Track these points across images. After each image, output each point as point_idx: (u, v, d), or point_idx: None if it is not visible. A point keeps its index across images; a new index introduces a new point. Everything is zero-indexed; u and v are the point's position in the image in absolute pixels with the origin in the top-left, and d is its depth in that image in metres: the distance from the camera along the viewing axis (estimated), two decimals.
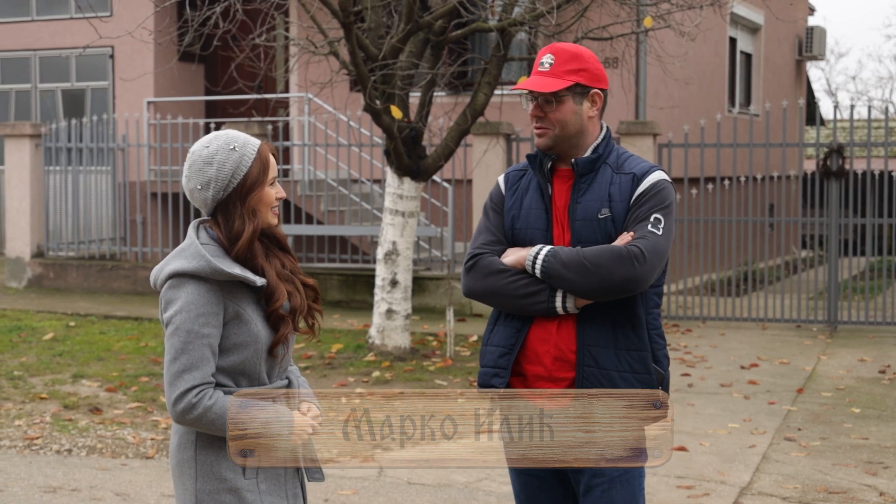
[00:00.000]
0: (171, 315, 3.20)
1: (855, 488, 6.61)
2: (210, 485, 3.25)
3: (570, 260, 3.47)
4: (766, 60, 20.09)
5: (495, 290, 3.59)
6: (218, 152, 3.26)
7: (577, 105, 3.57)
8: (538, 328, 3.56)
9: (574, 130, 3.58)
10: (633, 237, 3.48)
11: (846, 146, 12.65)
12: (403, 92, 10.00)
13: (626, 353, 3.51)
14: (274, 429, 3.24)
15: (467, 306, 13.02)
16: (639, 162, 3.61)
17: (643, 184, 3.54)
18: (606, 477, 3.56)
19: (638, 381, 3.50)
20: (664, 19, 10.74)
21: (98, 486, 6.52)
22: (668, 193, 3.55)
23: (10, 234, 15.22)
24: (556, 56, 3.58)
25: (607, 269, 3.42)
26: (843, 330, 12.42)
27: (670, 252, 3.61)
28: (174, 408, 3.18)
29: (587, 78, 3.57)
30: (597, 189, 3.56)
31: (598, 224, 3.53)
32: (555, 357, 3.54)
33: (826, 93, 47.20)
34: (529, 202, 3.63)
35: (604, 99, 3.63)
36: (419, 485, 6.60)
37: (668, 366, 3.62)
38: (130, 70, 15.96)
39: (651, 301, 3.59)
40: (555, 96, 3.56)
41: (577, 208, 3.56)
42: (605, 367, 3.50)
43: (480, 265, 3.63)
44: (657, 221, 3.49)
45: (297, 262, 3.46)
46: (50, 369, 9.81)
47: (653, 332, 3.58)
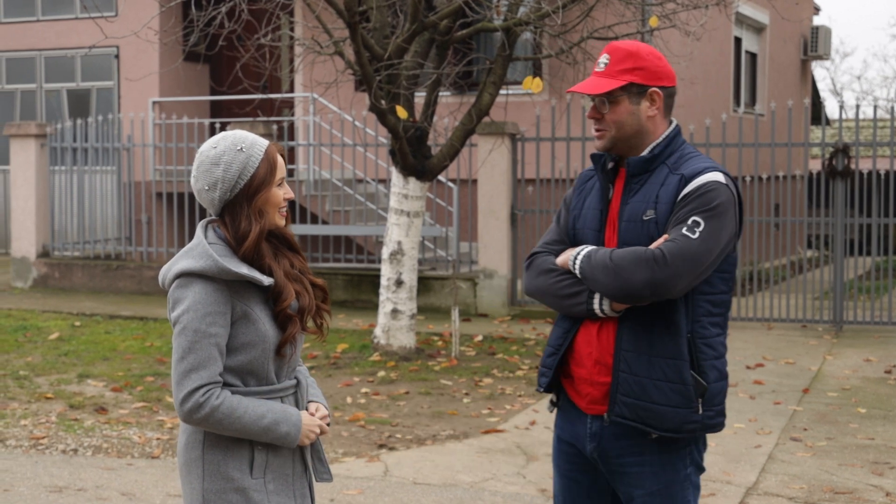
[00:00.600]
0: (179, 314, 3.20)
1: (861, 488, 6.60)
2: (217, 484, 3.26)
3: (598, 261, 3.40)
4: (772, 60, 20.07)
5: (544, 290, 3.56)
6: (225, 153, 3.26)
7: (634, 105, 3.47)
8: (584, 330, 3.51)
9: (631, 131, 3.48)
10: (665, 240, 3.36)
11: (852, 146, 12.63)
12: (409, 92, 10.00)
13: (660, 360, 3.39)
14: (282, 429, 3.25)
15: (472, 306, 13.02)
16: (697, 163, 3.45)
17: (690, 185, 3.39)
18: (645, 489, 3.49)
19: (672, 391, 3.38)
20: (669, 19, 10.73)
21: (104, 486, 6.52)
22: (714, 196, 3.37)
23: (16, 234, 15.24)
24: (612, 55, 3.50)
25: (628, 271, 3.33)
26: (848, 330, 12.40)
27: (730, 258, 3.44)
28: (181, 407, 3.18)
29: (643, 76, 3.46)
30: (647, 190, 3.46)
31: (642, 226, 3.43)
32: (595, 360, 3.48)
33: (831, 92, 47.17)
34: (590, 202, 3.58)
35: (668, 96, 3.50)
36: (425, 484, 6.59)
37: (718, 378, 3.44)
38: (136, 70, 15.97)
39: (700, 309, 3.43)
40: (608, 97, 3.47)
41: (625, 209, 3.48)
42: (638, 374, 3.40)
43: (535, 264, 3.61)
44: (695, 225, 3.33)
45: (306, 261, 3.46)
46: (55, 369, 9.81)
47: (699, 342, 3.42)
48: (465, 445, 7.47)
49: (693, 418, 3.40)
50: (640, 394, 3.40)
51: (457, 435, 7.74)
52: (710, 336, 3.44)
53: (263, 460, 3.28)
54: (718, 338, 3.47)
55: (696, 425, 3.42)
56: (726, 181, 3.42)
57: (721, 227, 3.37)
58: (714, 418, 3.45)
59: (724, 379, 3.47)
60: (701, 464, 3.56)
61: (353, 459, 7.11)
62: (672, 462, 3.48)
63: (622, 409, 3.42)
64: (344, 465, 6.94)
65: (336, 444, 7.44)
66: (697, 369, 3.41)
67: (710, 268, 3.39)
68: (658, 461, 3.47)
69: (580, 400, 3.54)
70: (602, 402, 3.48)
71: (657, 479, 3.47)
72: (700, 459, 3.55)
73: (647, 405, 3.40)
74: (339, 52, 9.76)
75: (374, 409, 8.47)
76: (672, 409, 3.39)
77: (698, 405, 3.40)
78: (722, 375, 3.46)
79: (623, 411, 3.42)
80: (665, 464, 3.47)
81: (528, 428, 7.90)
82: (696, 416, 3.41)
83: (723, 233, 3.37)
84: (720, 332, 3.47)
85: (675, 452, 3.47)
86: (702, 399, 3.40)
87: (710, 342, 3.44)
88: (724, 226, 3.38)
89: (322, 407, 3.43)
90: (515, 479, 6.70)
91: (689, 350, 3.41)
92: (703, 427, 3.44)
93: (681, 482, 3.49)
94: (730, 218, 3.40)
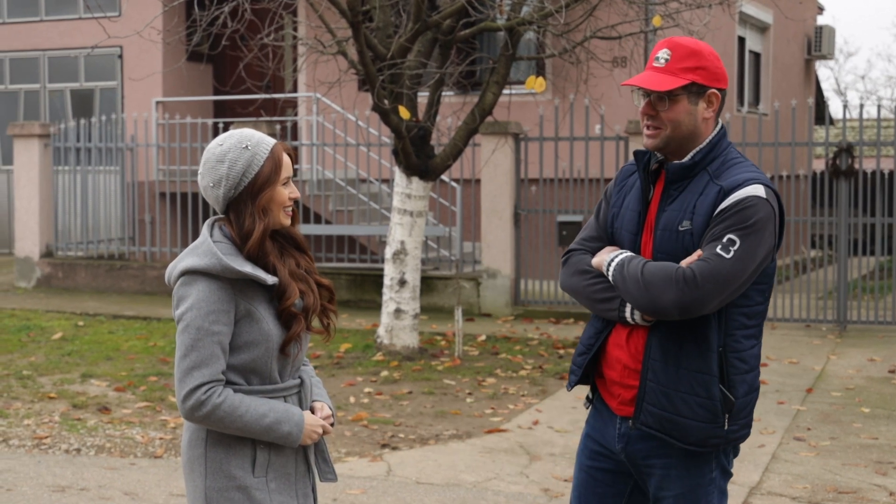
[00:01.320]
0: (183, 312, 3.21)
1: (865, 488, 6.59)
2: (219, 482, 3.26)
3: (630, 273, 3.32)
4: (775, 60, 20.05)
5: (577, 290, 3.51)
6: (230, 150, 3.26)
7: (693, 105, 3.35)
8: (616, 333, 3.46)
9: (686, 132, 3.37)
10: (699, 258, 3.26)
11: (855, 145, 12.62)
12: (412, 91, 9.99)
13: (688, 373, 3.33)
14: (284, 428, 3.25)
15: (476, 306, 13.01)
16: (738, 172, 3.32)
17: (728, 199, 3.27)
18: (671, 491, 3.46)
19: (698, 405, 3.33)
20: (673, 18, 10.72)
21: (107, 486, 6.52)
22: (753, 212, 3.25)
23: (20, 234, 15.25)
24: (674, 51, 3.37)
25: (658, 289, 3.24)
26: (852, 329, 12.39)
27: (769, 269, 3.36)
28: (183, 404, 3.19)
29: (705, 77, 3.35)
30: (685, 198, 3.35)
31: (677, 236, 3.33)
32: (625, 365, 3.44)
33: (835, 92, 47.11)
34: (629, 202, 3.48)
35: (721, 100, 3.40)
36: (427, 484, 6.59)
37: (746, 392, 3.37)
38: (139, 70, 15.97)
39: (734, 322, 3.35)
40: (669, 95, 3.35)
41: (661, 216, 3.38)
42: (664, 385, 3.35)
43: (570, 262, 3.55)
44: (730, 243, 3.22)
45: (314, 262, 3.45)
46: (59, 369, 9.82)
47: (731, 356, 3.34)
48: (468, 445, 7.46)
49: (717, 433, 3.36)
50: (665, 405, 3.36)
51: (460, 435, 7.73)
52: (743, 350, 3.37)
53: (265, 459, 3.28)
54: (752, 350, 3.40)
55: (720, 440, 3.38)
56: (766, 195, 3.30)
57: (758, 244, 3.27)
58: (739, 431, 3.41)
59: (753, 391, 3.42)
60: (728, 469, 3.51)
61: (355, 459, 7.10)
62: (698, 466, 3.44)
63: (647, 417, 3.39)
64: (347, 465, 6.94)
65: (339, 444, 7.44)
66: (727, 384, 3.34)
67: (744, 285, 3.30)
68: (684, 465, 3.43)
69: (612, 400, 3.52)
70: (631, 404, 3.44)
71: (682, 482, 3.44)
72: (728, 464, 3.50)
73: (672, 417, 3.35)
74: (343, 51, 9.76)
75: (377, 408, 8.47)
76: (697, 423, 3.34)
77: (724, 420, 3.35)
78: (752, 388, 3.40)
79: (648, 420, 3.39)
80: (691, 468, 3.43)
81: (532, 428, 7.89)
82: (720, 431, 3.36)
83: (759, 249, 3.28)
84: (754, 344, 3.40)
85: (701, 457, 3.43)
86: (728, 414, 3.35)
87: (743, 356, 3.38)
88: (762, 242, 3.28)
89: (326, 406, 3.42)
90: (518, 479, 6.69)
91: (720, 364, 3.34)
92: (727, 441, 3.40)
93: (706, 486, 3.45)
94: (768, 233, 3.30)
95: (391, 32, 10.09)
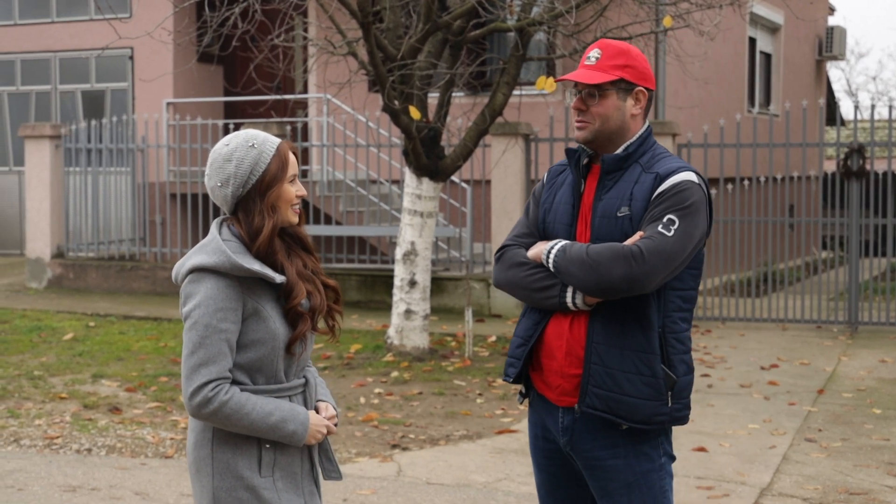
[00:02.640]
0: (190, 309, 3.22)
1: (876, 489, 6.57)
2: (227, 482, 3.27)
3: (575, 255, 3.45)
4: (786, 60, 20.02)
5: (515, 283, 3.61)
6: (237, 150, 3.29)
7: (621, 101, 3.54)
8: (554, 323, 3.56)
9: (615, 126, 3.54)
10: (641, 237, 3.42)
11: (867, 146, 12.58)
12: (422, 92, 9.99)
13: (632, 353, 3.46)
14: (289, 427, 3.26)
15: (486, 307, 13.01)
16: (669, 162, 3.53)
17: (664, 184, 3.46)
18: (621, 482, 3.53)
19: (643, 384, 3.45)
20: (683, 19, 10.71)
21: (117, 486, 6.53)
22: (689, 195, 3.45)
23: (31, 235, 15.28)
24: (604, 50, 3.56)
25: (606, 266, 3.38)
26: (863, 331, 12.36)
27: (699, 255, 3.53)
28: (190, 401, 3.20)
29: (633, 75, 3.54)
30: (621, 187, 3.51)
31: (615, 222, 3.49)
32: (566, 352, 3.53)
33: (846, 93, 47.02)
34: (561, 197, 3.63)
35: (648, 98, 3.59)
36: (438, 485, 6.59)
37: (686, 372, 3.53)
38: (150, 71, 16.00)
39: (671, 304, 3.50)
40: (598, 89, 3.53)
41: (598, 205, 3.53)
42: (609, 367, 3.45)
43: (505, 257, 3.66)
44: (670, 223, 3.41)
45: (319, 262, 3.47)
46: (70, 369, 9.84)
47: (669, 336, 3.49)
48: (478, 446, 7.46)
49: (662, 410, 3.48)
50: (611, 386, 3.46)
51: (470, 435, 7.73)
52: (679, 331, 3.53)
53: (271, 458, 3.29)
54: (686, 332, 3.56)
55: (665, 417, 3.50)
56: (699, 181, 3.50)
57: (694, 225, 3.45)
58: (681, 411, 3.54)
59: (691, 373, 3.56)
60: (671, 453, 3.62)
61: (366, 459, 7.11)
62: (646, 452, 3.54)
63: (593, 399, 3.48)
64: (357, 465, 6.94)
65: (349, 445, 7.44)
66: (667, 363, 3.49)
67: (682, 264, 3.46)
68: (632, 453, 3.52)
69: (550, 392, 3.59)
70: (573, 394, 3.53)
71: (632, 470, 3.53)
72: (670, 448, 3.62)
73: (618, 397, 3.46)
74: (353, 52, 9.76)
75: (387, 409, 8.47)
76: (643, 401, 3.46)
77: (668, 398, 3.48)
78: (689, 369, 3.56)
79: (594, 402, 3.48)
80: (639, 454, 3.53)
81: None
82: (665, 409, 3.48)
83: (696, 231, 3.46)
84: (688, 328, 3.57)
85: (647, 443, 3.53)
86: (671, 392, 3.48)
87: (680, 337, 3.53)
88: (697, 224, 3.46)
89: (330, 406, 3.43)
90: (528, 480, 6.67)
91: (661, 344, 3.48)
92: (671, 419, 3.52)
93: (657, 471, 3.55)
94: (702, 216, 3.48)
95: (401, 33, 10.09)
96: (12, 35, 18.06)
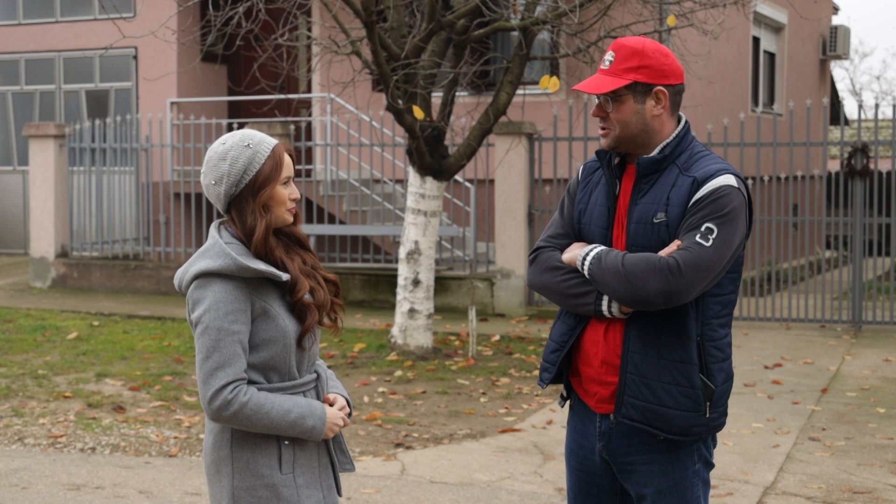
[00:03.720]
0: (201, 314, 3.22)
1: (880, 488, 6.57)
2: (247, 481, 3.28)
3: (610, 265, 3.33)
4: (790, 60, 20.00)
5: (549, 287, 3.51)
6: (232, 149, 3.31)
7: (639, 104, 3.40)
8: (591, 329, 3.47)
9: (636, 130, 3.41)
10: (679, 247, 3.30)
11: (870, 145, 12.58)
12: (426, 91, 9.99)
13: (669, 363, 3.36)
14: (308, 422, 3.28)
15: (490, 306, 13.01)
16: (708, 164, 3.37)
17: (702, 189, 3.32)
18: (655, 487, 3.47)
19: (680, 395, 3.36)
20: (687, 18, 10.70)
21: (121, 484, 6.53)
22: (728, 201, 3.31)
23: (35, 234, 15.29)
24: (617, 53, 3.42)
25: (641, 279, 3.27)
26: (867, 330, 12.35)
27: (739, 258, 3.41)
28: (210, 405, 3.20)
29: (648, 75, 3.39)
30: (657, 191, 3.39)
31: (652, 228, 3.37)
32: (602, 360, 3.44)
33: (850, 92, 46.99)
34: (597, 198, 3.51)
35: (675, 94, 3.43)
36: (441, 483, 6.59)
37: (724, 380, 3.42)
38: (154, 71, 16.01)
39: (710, 311, 3.40)
40: (612, 96, 3.41)
41: (634, 210, 3.41)
42: (646, 376, 3.37)
43: (540, 259, 3.56)
44: (708, 232, 3.28)
45: (318, 258, 3.48)
46: (74, 368, 9.85)
47: (708, 344, 3.39)
48: (481, 444, 7.46)
49: (700, 421, 3.39)
50: (648, 396, 3.38)
51: (474, 434, 7.73)
52: (718, 338, 3.42)
53: (291, 455, 3.31)
54: (726, 339, 3.45)
55: (703, 428, 3.41)
56: (738, 184, 3.37)
57: (734, 232, 3.33)
58: (718, 419, 3.45)
59: (730, 380, 3.46)
60: (710, 459, 3.53)
61: (370, 458, 7.11)
62: (680, 459, 3.46)
63: (629, 410, 3.40)
64: (361, 464, 6.94)
65: (353, 443, 7.44)
66: (706, 372, 3.39)
67: (722, 272, 3.35)
68: (667, 459, 3.45)
69: (589, 399, 3.52)
70: (610, 402, 3.46)
71: (666, 476, 3.45)
72: (709, 455, 3.53)
73: (655, 407, 3.37)
74: (357, 51, 9.77)
75: (391, 408, 8.47)
76: (680, 412, 3.37)
77: (706, 408, 3.39)
78: (728, 377, 3.46)
79: (630, 413, 3.40)
80: (674, 461, 3.45)
81: (545, 427, 7.89)
82: (702, 419, 3.39)
83: (735, 237, 3.34)
84: (727, 333, 3.46)
85: (682, 450, 3.45)
86: (710, 402, 3.39)
87: (719, 344, 3.43)
88: (737, 230, 3.34)
89: (340, 398, 3.45)
90: (532, 479, 6.68)
91: (699, 353, 3.38)
92: (708, 429, 3.43)
93: (690, 479, 3.47)
94: (742, 221, 3.37)
95: (405, 32, 10.09)
96: (16, 35, 18.07)
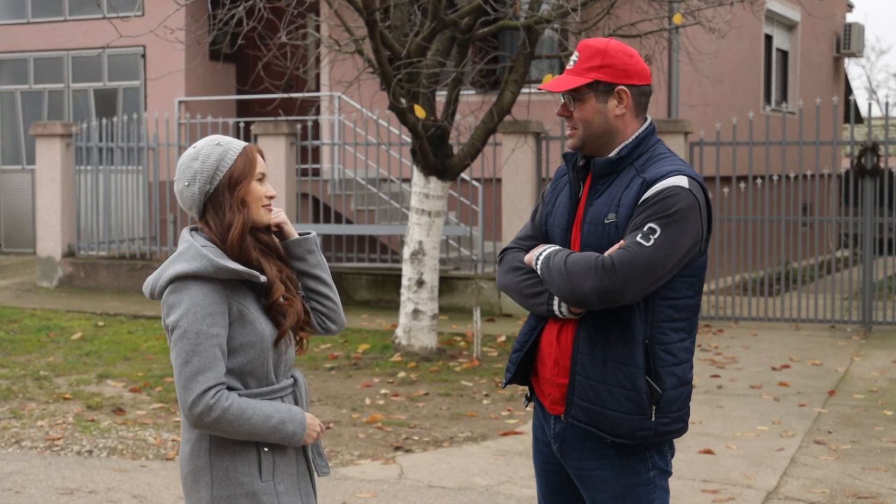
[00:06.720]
0: (178, 318, 3.16)
1: (885, 493, 6.47)
2: (227, 490, 3.23)
3: (555, 264, 3.35)
4: (803, 57, 19.87)
5: (511, 287, 3.54)
6: (203, 148, 3.29)
7: (601, 103, 3.38)
8: (548, 329, 3.48)
9: (599, 130, 3.39)
10: (619, 247, 3.29)
11: (881, 144, 12.45)
12: (429, 90, 9.92)
13: (614, 365, 3.33)
14: (289, 428, 3.23)
15: (496, 306, 12.93)
16: (663, 165, 3.35)
17: (650, 190, 3.30)
18: (608, 493, 3.45)
19: (624, 398, 3.33)
20: (694, 16, 10.60)
21: (115, 488, 6.47)
22: (675, 201, 3.26)
23: (42, 234, 15.27)
24: (581, 53, 3.42)
25: (578, 277, 3.27)
26: (877, 331, 12.23)
27: (698, 263, 3.36)
28: (191, 411, 3.13)
29: (610, 74, 3.36)
30: (612, 192, 3.38)
31: (603, 229, 3.36)
32: (555, 361, 3.45)
33: (867, 90, 46.75)
34: (561, 200, 3.52)
35: (639, 94, 3.41)
36: (439, 487, 6.51)
37: (676, 385, 3.37)
38: (162, 69, 15.97)
39: (661, 314, 3.34)
40: (574, 95, 3.40)
41: (588, 211, 3.41)
42: (592, 378, 3.35)
43: (505, 260, 3.59)
44: (650, 231, 3.24)
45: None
46: (76, 369, 9.80)
47: (657, 348, 3.34)
48: (482, 448, 7.38)
49: (646, 425, 3.35)
50: (594, 398, 3.37)
51: (474, 437, 7.65)
52: (670, 342, 3.37)
53: (271, 462, 3.26)
54: (681, 343, 3.40)
55: (650, 432, 3.36)
56: (690, 185, 3.31)
57: (681, 234, 3.27)
58: (670, 425, 3.39)
59: (684, 385, 3.40)
60: (666, 468, 3.49)
61: (368, 462, 7.04)
62: (632, 466, 3.43)
63: (578, 411, 3.40)
64: (359, 468, 6.87)
65: (352, 446, 7.37)
66: (654, 376, 3.35)
67: (667, 275, 3.30)
68: (618, 465, 3.42)
69: (544, 399, 3.53)
70: (561, 403, 3.46)
71: (619, 483, 3.43)
72: (664, 464, 3.48)
73: (601, 410, 3.36)
74: (359, 50, 9.69)
75: (392, 410, 8.40)
76: (624, 415, 3.34)
77: (651, 412, 3.35)
78: (682, 382, 3.40)
79: (578, 414, 3.40)
80: (625, 468, 3.42)
81: None
82: (648, 423, 3.35)
83: (682, 239, 3.28)
84: (684, 337, 3.41)
85: (634, 456, 3.42)
86: (656, 406, 3.34)
87: (670, 348, 3.37)
88: (685, 232, 3.28)
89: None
90: (531, 483, 6.60)
91: (647, 356, 3.34)
92: (657, 434, 3.38)
93: (644, 486, 3.44)
94: (692, 224, 3.30)
95: (408, 31, 10.02)
96: (25, 34, 18.06)
